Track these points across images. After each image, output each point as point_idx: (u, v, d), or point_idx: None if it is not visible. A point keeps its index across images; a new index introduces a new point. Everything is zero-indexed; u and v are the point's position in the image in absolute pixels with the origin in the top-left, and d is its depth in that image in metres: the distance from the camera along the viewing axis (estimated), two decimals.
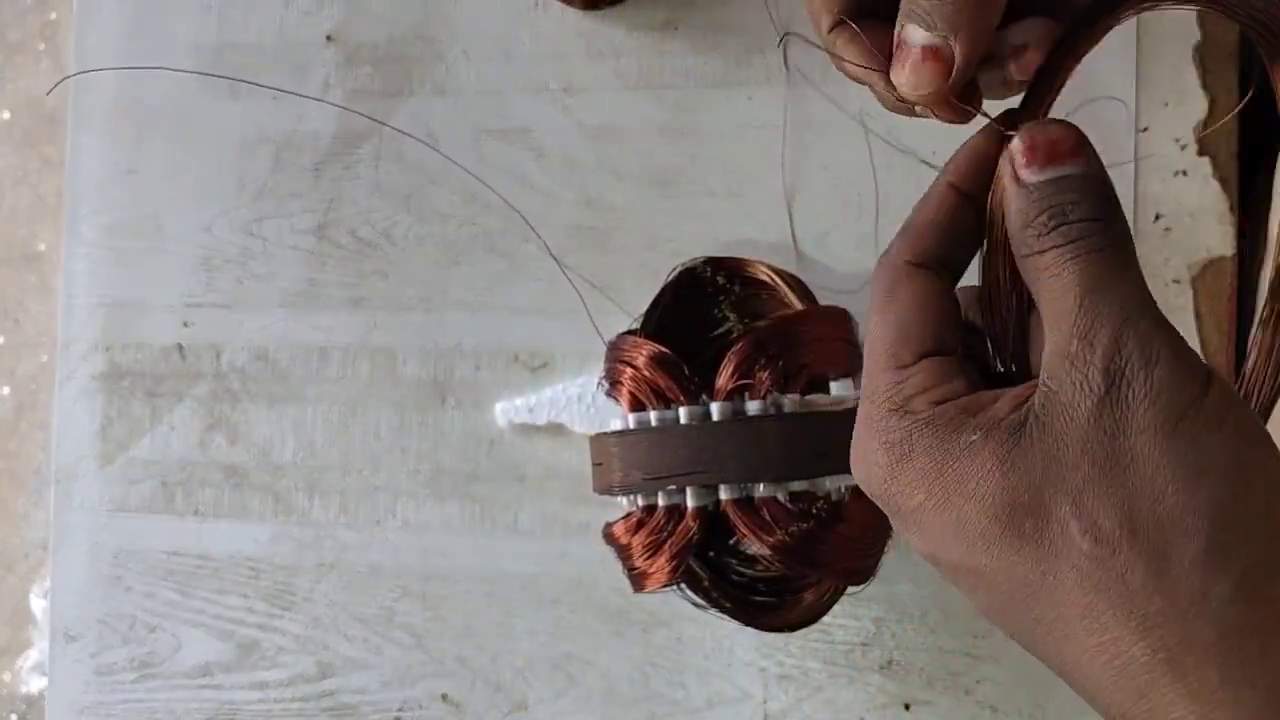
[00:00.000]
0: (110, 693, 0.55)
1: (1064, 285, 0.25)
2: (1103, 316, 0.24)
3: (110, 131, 0.57)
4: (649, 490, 0.41)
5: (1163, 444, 0.23)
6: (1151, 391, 0.24)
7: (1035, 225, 0.26)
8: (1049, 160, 0.26)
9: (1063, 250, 0.25)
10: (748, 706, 0.50)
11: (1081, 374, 0.24)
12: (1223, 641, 0.22)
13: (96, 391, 0.56)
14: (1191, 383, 0.24)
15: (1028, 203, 0.26)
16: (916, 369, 0.27)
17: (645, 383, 0.42)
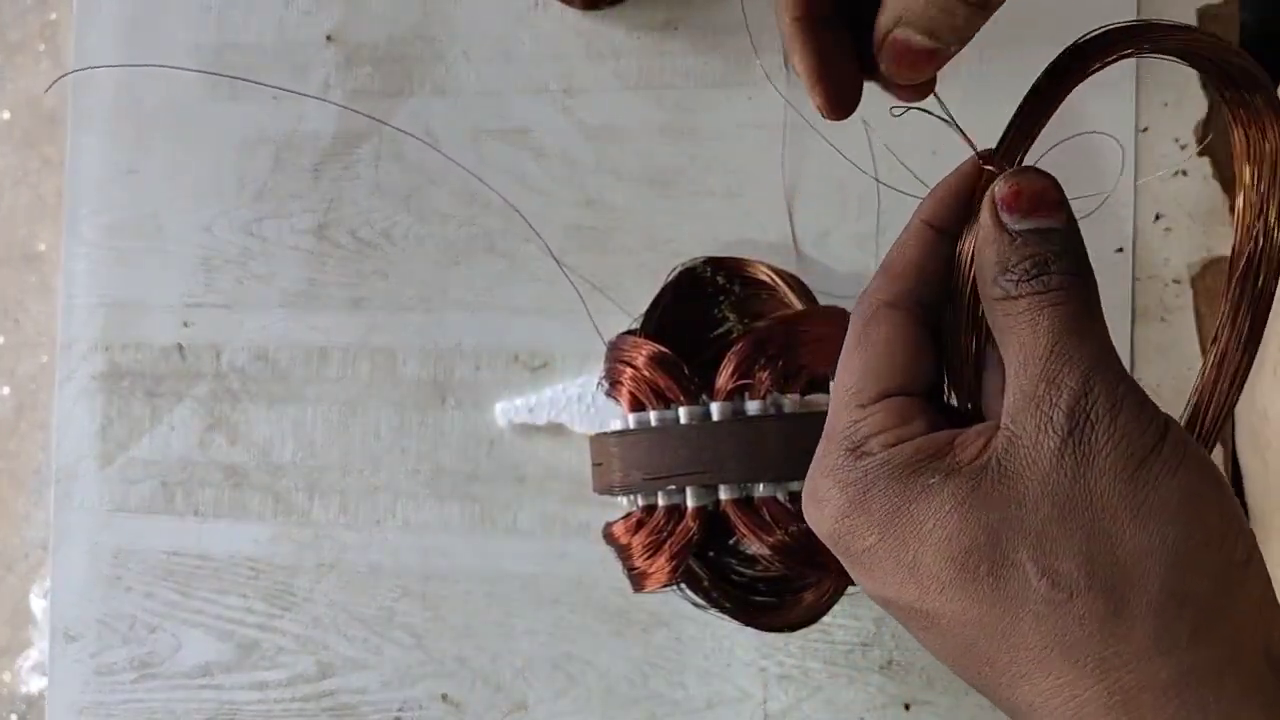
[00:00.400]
0: (110, 693, 0.55)
1: (1037, 331, 0.25)
2: (1072, 362, 0.24)
3: (110, 132, 0.57)
4: (649, 490, 0.41)
5: (1123, 488, 0.23)
6: (1115, 435, 0.24)
7: (1015, 271, 0.26)
8: (1033, 210, 0.26)
9: (1041, 298, 0.25)
10: (748, 706, 0.50)
11: (1046, 415, 0.24)
12: (1179, 682, 0.23)
13: (96, 391, 0.56)
14: (1152, 429, 0.24)
15: (1009, 248, 0.26)
16: (877, 408, 0.27)
17: (645, 383, 0.42)
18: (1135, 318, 0.49)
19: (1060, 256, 0.26)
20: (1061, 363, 0.24)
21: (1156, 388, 0.49)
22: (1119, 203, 0.49)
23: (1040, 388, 0.25)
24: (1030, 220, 0.26)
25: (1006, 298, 0.26)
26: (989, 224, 0.27)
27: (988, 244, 0.26)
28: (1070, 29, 0.51)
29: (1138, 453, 0.24)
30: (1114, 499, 0.23)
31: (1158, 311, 0.49)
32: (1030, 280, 0.25)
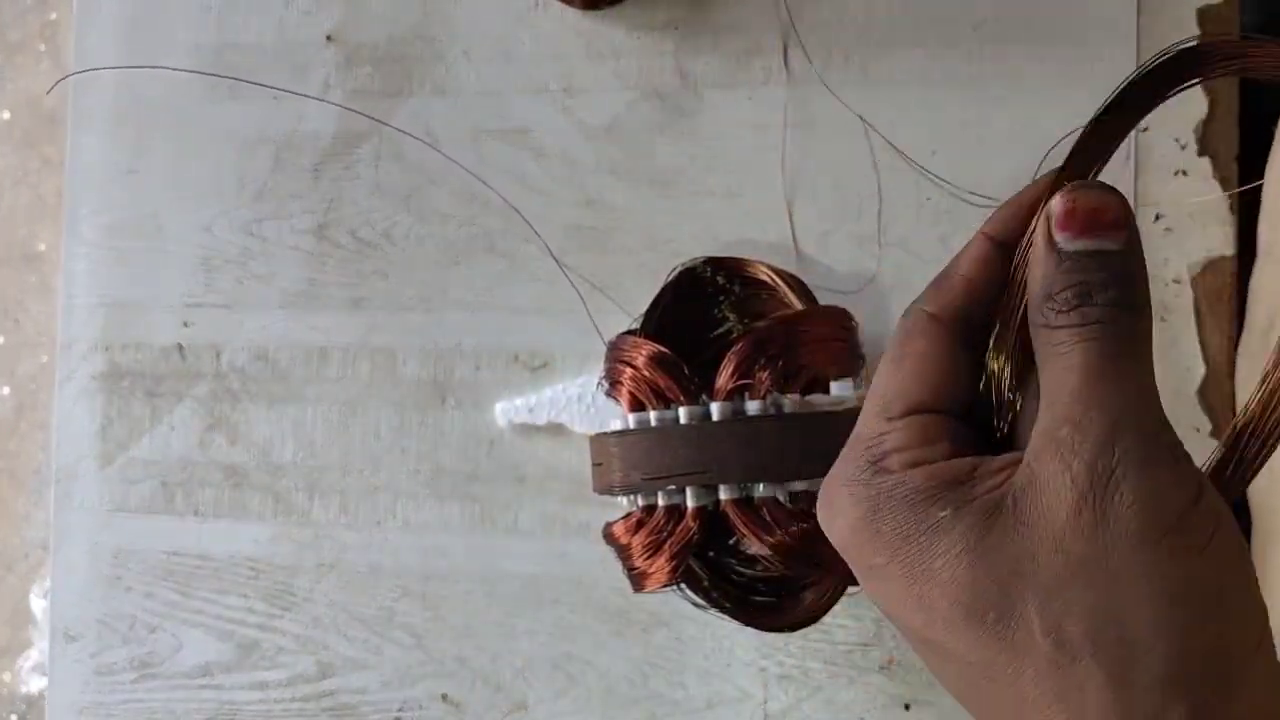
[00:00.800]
0: (110, 693, 0.55)
1: (1069, 365, 0.24)
2: (1101, 406, 0.23)
3: (110, 132, 0.57)
4: (649, 490, 0.41)
5: (1144, 558, 0.22)
6: (1141, 499, 0.22)
7: (1057, 299, 0.24)
8: (1086, 229, 0.24)
9: (1078, 331, 0.24)
10: (748, 706, 0.50)
11: (1066, 464, 0.23)
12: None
13: (96, 391, 0.56)
14: (1183, 494, 0.23)
15: (1056, 272, 0.24)
16: (902, 424, 0.26)
17: (645, 383, 0.42)
18: None
19: (1108, 285, 0.24)
20: (1088, 405, 0.23)
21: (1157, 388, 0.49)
22: None
23: (1064, 430, 0.23)
24: (1082, 240, 0.24)
25: (1047, 326, 0.24)
26: (1040, 243, 0.25)
27: (1037, 264, 0.25)
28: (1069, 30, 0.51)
29: (1164, 521, 0.22)
30: (1131, 568, 0.22)
31: (1158, 311, 0.49)
32: (1071, 311, 0.24)
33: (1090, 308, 0.24)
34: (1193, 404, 0.48)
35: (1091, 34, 0.49)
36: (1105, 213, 0.24)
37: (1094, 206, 0.25)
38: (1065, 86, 0.49)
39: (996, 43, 0.50)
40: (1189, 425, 0.48)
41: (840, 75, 0.51)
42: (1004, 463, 0.25)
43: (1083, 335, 0.24)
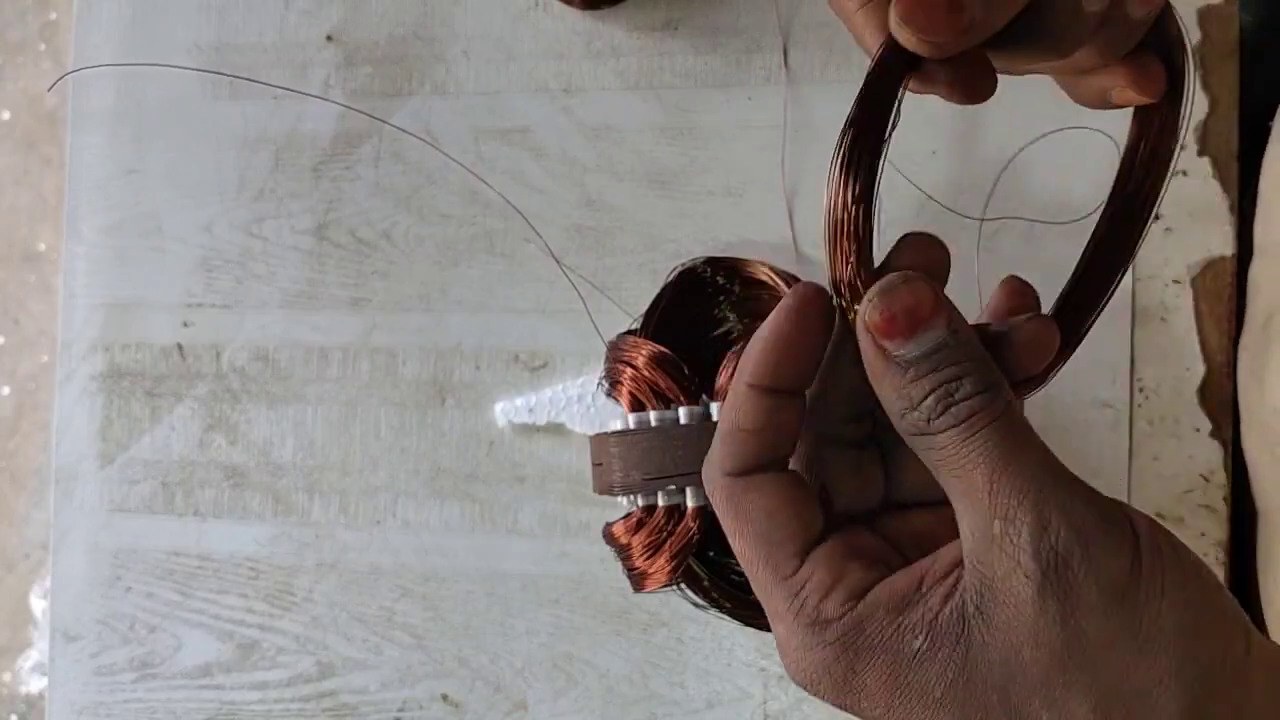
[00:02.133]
0: (110, 693, 0.55)
1: (968, 465, 0.24)
2: (1018, 494, 0.23)
3: (110, 132, 0.57)
4: (649, 490, 0.41)
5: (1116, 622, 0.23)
6: (1090, 568, 0.23)
7: (922, 409, 0.24)
8: (913, 329, 0.24)
9: (958, 430, 0.24)
10: (747, 706, 0.50)
11: (1013, 559, 0.23)
12: None
13: (96, 391, 0.56)
14: (1123, 546, 0.23)
15: (907, 385, 0.24)
16: (805, 572, 0.25)
17: (645, 383, 0.42)
18: (1135, 318, 0.49)
19: (962, 378, 0.24)
20: (1007, 496, 0.23)
21: (1156, 388, 0.49)
22: None
23: (996, 526, 0.23)
24: (915, 343, 0.24)
25: (922, 434, 0.24)
26: (875, 360, 0.25)
27: (882, 381, 0.25)
28: None
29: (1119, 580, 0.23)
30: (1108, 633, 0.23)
31: (1158, 311, 0.49)
32: (941, 416, 0.24)
33: (958, 405, 0.24)
34: (1193, 404, 0.48)
35: None
36: (923, 305, 0.24)
37: (909, 306, 0.24)
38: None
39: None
40: (1189, 425, 0.48)
41: (840, 75, 0.51)
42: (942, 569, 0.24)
43: (965, 433, 0.24)
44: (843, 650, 0.24)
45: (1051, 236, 0.49)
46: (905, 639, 0.24)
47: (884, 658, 0.24)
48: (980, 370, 0.24)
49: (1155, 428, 0.49)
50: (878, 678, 0.24)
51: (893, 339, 0.24)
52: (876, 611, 0.24)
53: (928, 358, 0.24)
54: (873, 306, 0.25)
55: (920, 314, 0.24)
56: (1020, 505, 0.23)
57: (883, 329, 0.25)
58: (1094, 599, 0.23)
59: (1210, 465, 0.48)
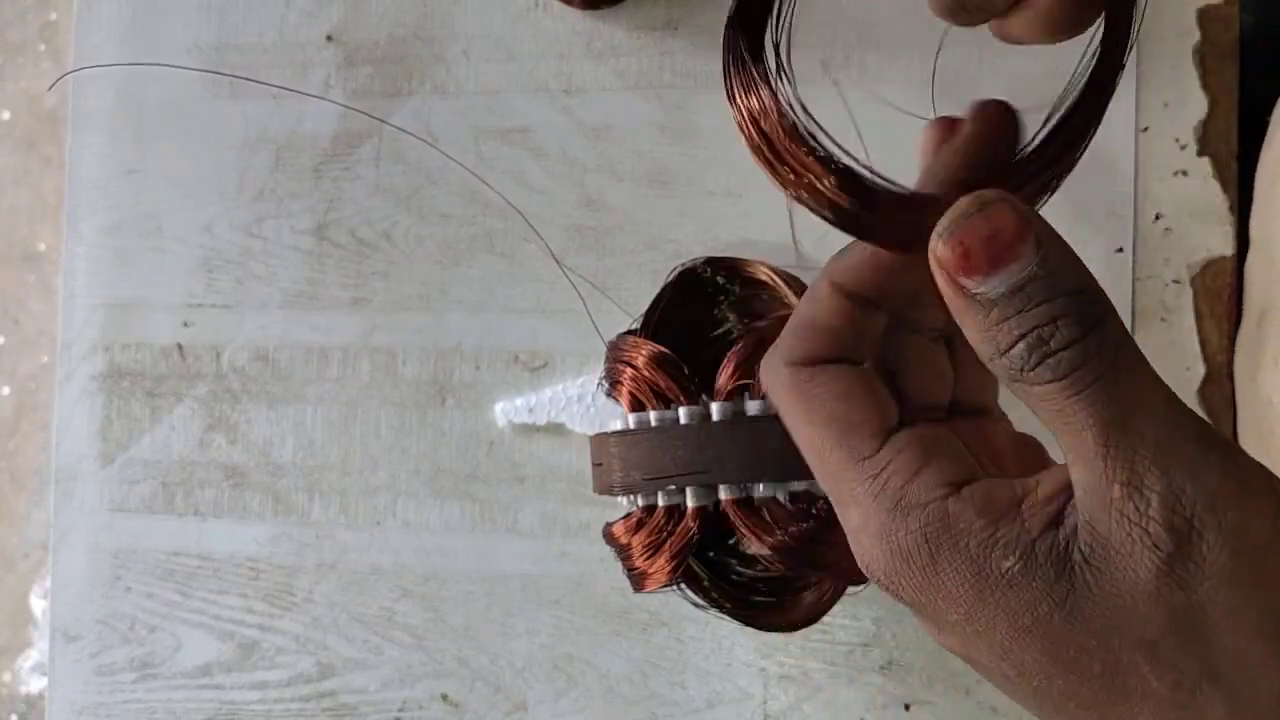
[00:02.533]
0: (110, 693, 0.55)
1: (1075, 424, 0.21)
2: (1142, 459, 0.21)
3: (110, 132, 0.57)
4: (649, 490, 0.41)
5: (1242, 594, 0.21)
6: (1225, 539, 0.21)
7: (1012, 359, 0.21)
8: (994, 263, 0.21)
9: (1059, 386, 0.21)
10: (748, 707, 0.50)
11: (1139, 527, 0.21)
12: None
13: (96, 391, 0.56)
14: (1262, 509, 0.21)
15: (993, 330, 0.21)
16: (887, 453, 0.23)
17: (645, 383, 0.42)
18: (1135, 318, 0.49)
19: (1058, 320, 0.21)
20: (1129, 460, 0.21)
21: None
22: (1118, 203, 0.49)
23: (1116, 491, 0.21)
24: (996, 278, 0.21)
25: (1022, 383, 0.22)
26: (955, 300, 0.22)
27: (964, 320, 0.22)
28: None
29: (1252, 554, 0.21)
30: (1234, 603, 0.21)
31: (1158, 311, 0.49)
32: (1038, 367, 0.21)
33: (1055, 357, 0.21)
34: (1193, 404, 0.48)
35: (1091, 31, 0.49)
36: (1002, 233, 0.21)
37: (986, 235, 0.21)
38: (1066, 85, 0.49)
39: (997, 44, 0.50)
40: None
41: (840, 75, 0.51)
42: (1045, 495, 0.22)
43: (1069, 390, 0.21)
44: (925, 541, 0.22)
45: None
46: (996, 553, 0.22)
47: (969, 565, 0.22)
48: (1081, 307, 0.21)
49: None
50: (960, 581, 0.22)
51: (971, 276, 0.21)
52: (967, 510, 0.22)
53: (1014, 295, 0.21)
54: (942, 241, 0.21)
55: (1001, 241, 0.21)
56: (1147, 471, 0.21)
57: (958, 265, 0.21)
58: (1225, 569, 0.21)
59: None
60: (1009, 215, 0.21)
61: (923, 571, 0.23)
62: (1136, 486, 0.21)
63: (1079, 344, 0.21)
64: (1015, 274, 0.21)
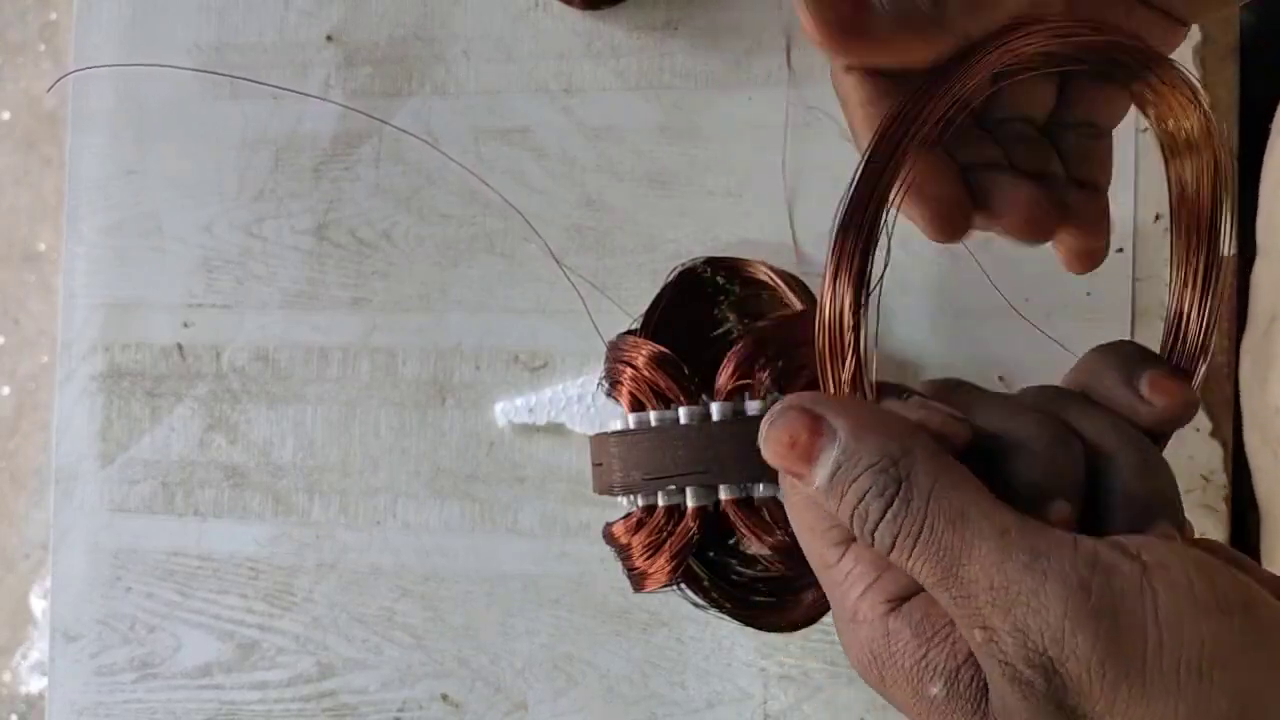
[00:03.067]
0: (110, 693, 0.55)
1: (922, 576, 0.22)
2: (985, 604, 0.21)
3: (110, 132, 0.57)
4: (649, 490, 0.41)
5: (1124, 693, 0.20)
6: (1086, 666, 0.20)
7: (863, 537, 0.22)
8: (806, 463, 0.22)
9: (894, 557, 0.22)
10: (748, 707, 0.50)
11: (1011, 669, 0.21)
12: None
13: (96, 392, 0.56)
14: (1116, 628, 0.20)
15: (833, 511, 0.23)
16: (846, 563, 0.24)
17: (645, 383, 0.42)
18: (1135, 318, 0.49)
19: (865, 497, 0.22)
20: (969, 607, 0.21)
21: None
22: (1119, 203, 0.49)
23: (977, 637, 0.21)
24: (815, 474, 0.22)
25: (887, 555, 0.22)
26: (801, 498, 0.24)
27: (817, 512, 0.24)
28: None
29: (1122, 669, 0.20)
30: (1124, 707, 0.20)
31: (1158, 311, 0.49)
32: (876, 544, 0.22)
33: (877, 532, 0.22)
34: None
35: None
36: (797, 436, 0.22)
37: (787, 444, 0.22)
38: None
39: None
40: (1189, 426, 0.48)
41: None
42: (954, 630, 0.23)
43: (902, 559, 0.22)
44: (872, 656, 0.23)
45: None
46: (926, 676, 0.22)
47: (907, 683, 0.23)
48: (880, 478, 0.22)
49: None
50: (904, 696, 0.23)
51: (800, 476, 0.23)
52: (904, 629, 0.23)
53: (831, 485, 0.22)
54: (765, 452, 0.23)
55: (801, 446, 0.22)
56: (991, 614, 0.21)
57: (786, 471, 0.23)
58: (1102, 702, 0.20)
59: (1211, 466, 0.48)
60: (798, 419, 0.23)
61: (877, 679, 0.24)
62: (991, 632, 0.21)
63: (887, 517, 0.21)
64: (826, 465, 0.22)
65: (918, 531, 0.21)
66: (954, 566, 0.21)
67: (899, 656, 0.23)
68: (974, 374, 0.49)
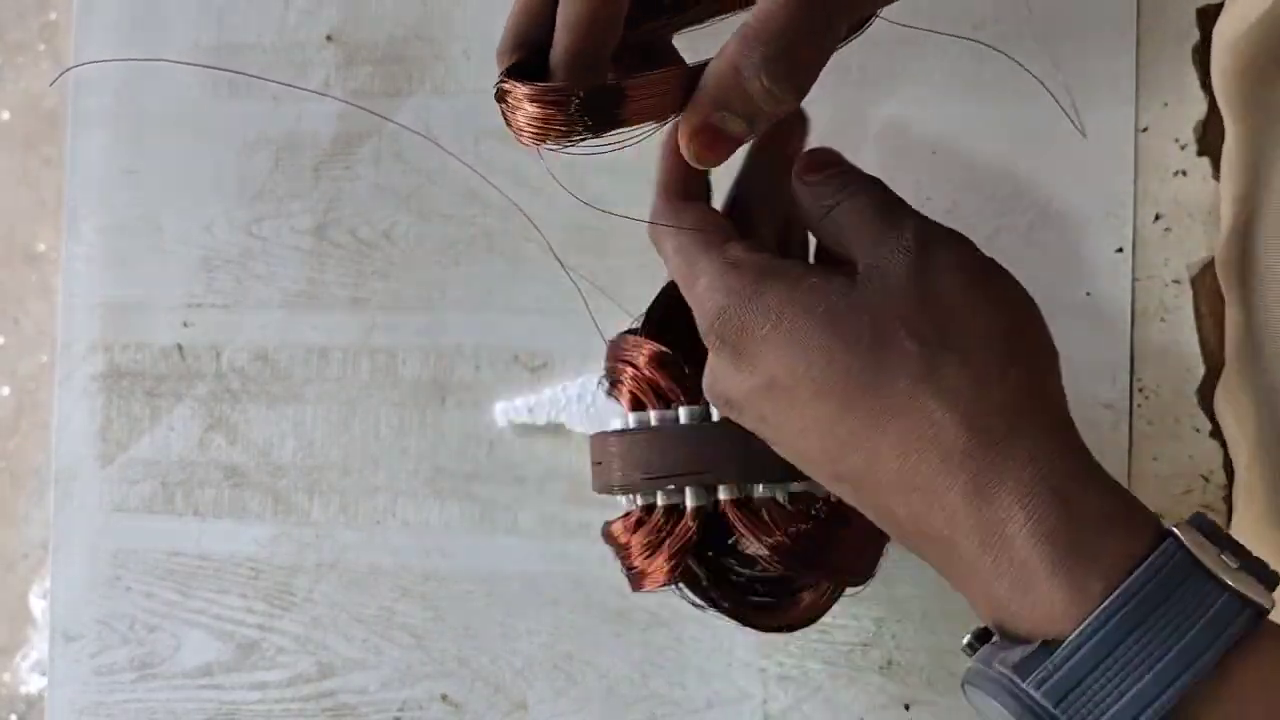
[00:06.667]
0: (110, 693, 0.55)
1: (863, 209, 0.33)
2: (902, 215, 0.33)
3: (110, 132, 0.57)
4: (648, 490, 0.41)
5: (964, 287, 0.31)
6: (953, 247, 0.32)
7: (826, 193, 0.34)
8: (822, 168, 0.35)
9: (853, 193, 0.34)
10: (747, 707, 0.50)
11: (898, 242, 0.32)
12: (1015, 405, 0.30)
13: (96, 392, 0.56)
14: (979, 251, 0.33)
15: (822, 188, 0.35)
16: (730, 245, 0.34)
17: (645, 382, 0.42)
18: (1135, 318, 0.49)
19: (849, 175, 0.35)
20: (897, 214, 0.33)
21: (1157, 388, 0.49)
22: (1118, 203, 0.49)
23: (886, 230, 0.32)
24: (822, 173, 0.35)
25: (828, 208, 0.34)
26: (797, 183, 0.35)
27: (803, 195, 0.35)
28: (1069, 30, 0.51)
29: (973, 261, 0.32)
30: (958, 293, 0.31)
31: (1157, 312, 0.49)
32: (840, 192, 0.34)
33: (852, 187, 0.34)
34: (1192, 404, 0.48)
35: (1091, 34, 0.49)
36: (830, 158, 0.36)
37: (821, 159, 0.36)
38: (1067, 86, 0.49)
39: (997, 44, 0.50)
40: (1189, 425, 0.48)
41: (839, 78, 0.51)
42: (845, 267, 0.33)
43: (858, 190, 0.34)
44: (755, 274, 0.33)
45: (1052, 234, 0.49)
46: (804, 276, 0.32)
47: (784, 282, 0.32)
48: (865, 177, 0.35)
49: (1155, 428, 0.49)
50: (776, 295, 0.32)
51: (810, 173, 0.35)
52: (787, 263, 0.33)
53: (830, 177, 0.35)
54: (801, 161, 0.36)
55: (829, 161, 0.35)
56: (905, 216, 0.33)
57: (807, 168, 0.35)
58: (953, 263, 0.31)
59: (1210, 465, 0.48)
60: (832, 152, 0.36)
61: (746, 298, 0.32)
62: (898, 224, 0.32)
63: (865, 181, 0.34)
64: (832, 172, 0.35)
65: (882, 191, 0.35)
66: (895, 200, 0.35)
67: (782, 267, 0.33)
68: None
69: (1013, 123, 0.49)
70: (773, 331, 0.32)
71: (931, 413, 0.30)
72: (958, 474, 0.29)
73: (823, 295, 0.31)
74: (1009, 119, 0.49)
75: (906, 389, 0.30)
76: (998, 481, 0.29)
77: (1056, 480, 0.29)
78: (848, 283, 0.31)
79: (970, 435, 0.29)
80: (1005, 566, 0.29)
